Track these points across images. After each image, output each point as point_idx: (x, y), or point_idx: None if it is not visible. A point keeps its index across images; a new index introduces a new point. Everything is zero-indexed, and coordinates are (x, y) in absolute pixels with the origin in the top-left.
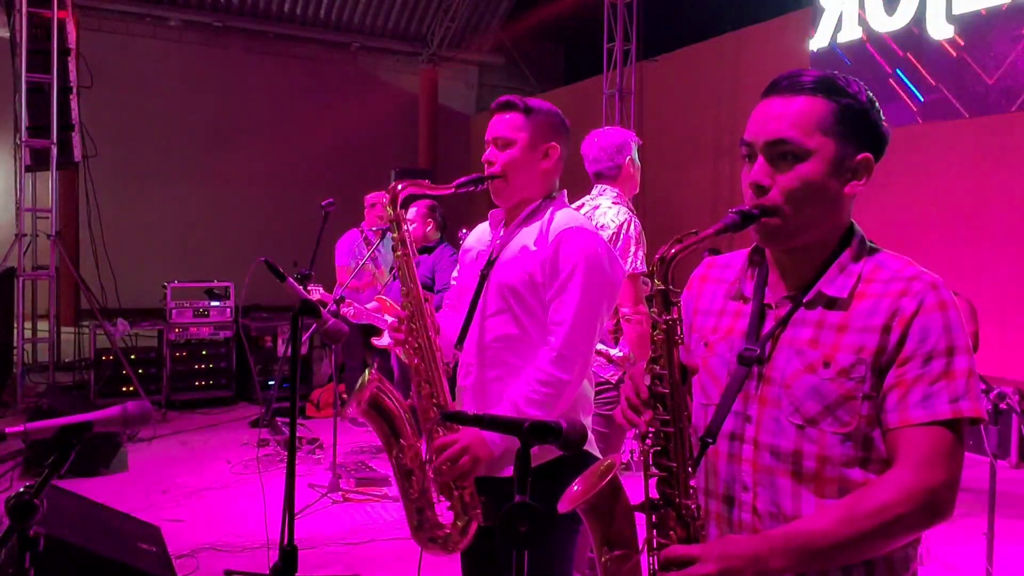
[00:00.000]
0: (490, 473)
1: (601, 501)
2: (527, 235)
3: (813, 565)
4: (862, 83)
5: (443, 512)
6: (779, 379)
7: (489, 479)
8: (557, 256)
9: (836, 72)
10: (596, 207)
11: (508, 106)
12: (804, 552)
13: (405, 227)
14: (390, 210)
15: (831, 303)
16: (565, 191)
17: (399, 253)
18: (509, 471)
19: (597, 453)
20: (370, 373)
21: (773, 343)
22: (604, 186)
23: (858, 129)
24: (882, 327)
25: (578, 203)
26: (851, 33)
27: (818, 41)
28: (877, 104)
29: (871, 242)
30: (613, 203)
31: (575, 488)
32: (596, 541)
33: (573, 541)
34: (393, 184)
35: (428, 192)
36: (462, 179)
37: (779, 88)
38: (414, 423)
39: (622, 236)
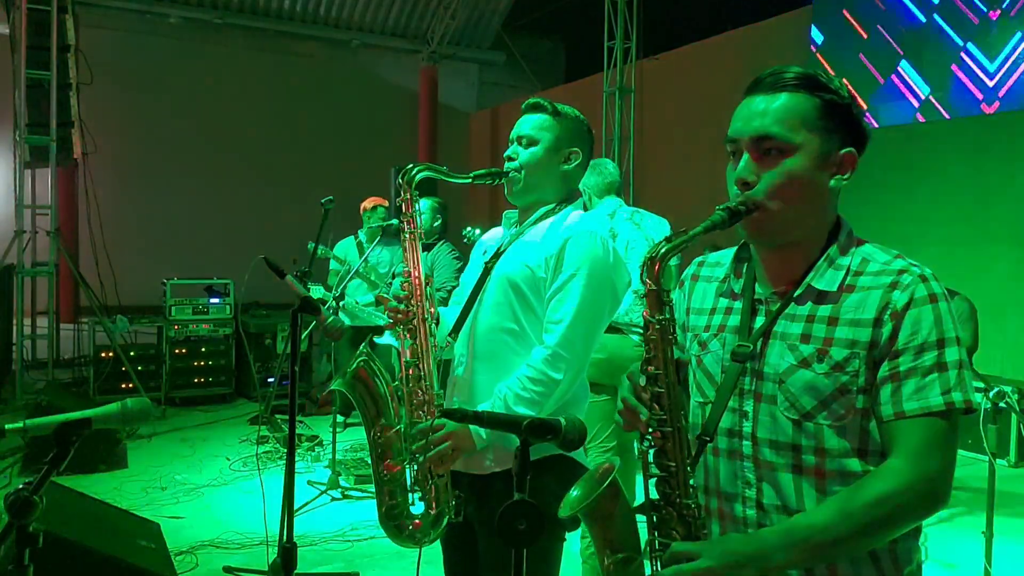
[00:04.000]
0: (469, 469)
1: (601, 505)
2: (537, 232)
3: (816, 559)
4: (843, 80)
5: (414, 503)
6: (773, 375)
7: (467, 474)
8: (562, 255)
9: (816, 71)
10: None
11: (536, 107)
12: (806, 546)
13: (416, 207)
14: (404, 189)
15: (821, 297)
16: (582, 196)
17: (406, 233)
18: (490, 468)
19: (584, 461)
20: (364, 348)
21: (765, 339)
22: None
23: (841, 124)
24: (874, 320)
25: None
26: None
27: None
28: (858, 101)
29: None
30: None
31: (574, 493)
32: (598, 545)
33: (560, 544)
34: (411, 165)
35: (444, 178)
36: (480, 171)
37: (762, 85)
38: (398, 404)
39: None
